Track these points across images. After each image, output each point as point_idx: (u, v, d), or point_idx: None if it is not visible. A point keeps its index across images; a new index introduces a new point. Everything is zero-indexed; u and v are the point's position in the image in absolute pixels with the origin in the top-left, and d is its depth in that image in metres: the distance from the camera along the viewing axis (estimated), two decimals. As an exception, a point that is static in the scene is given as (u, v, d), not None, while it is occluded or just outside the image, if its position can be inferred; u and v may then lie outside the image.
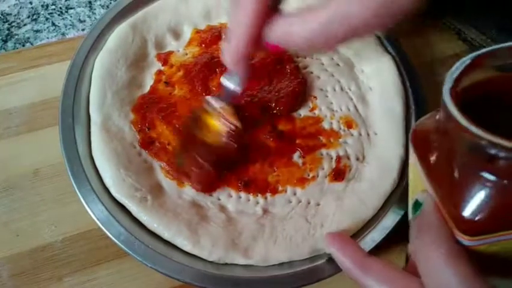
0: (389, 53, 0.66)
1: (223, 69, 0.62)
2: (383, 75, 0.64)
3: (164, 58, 0.64)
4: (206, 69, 0.62)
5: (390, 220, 0.53)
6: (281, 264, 0.51)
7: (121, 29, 0.63)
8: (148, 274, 0.53)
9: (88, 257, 0.54)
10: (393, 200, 0.55)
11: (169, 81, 0.62)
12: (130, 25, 0.64)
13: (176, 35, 0.66)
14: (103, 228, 0.51)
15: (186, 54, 0.65)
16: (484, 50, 0.33)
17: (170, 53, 0.64)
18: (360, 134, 0.61)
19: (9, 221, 0.56)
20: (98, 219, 0.51)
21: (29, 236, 0.55)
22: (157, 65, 0.63)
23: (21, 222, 0.56)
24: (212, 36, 0.65)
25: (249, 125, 0.58)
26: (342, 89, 0.64)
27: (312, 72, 0.65)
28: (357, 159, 0.59)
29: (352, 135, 0.60)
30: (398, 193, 0.55)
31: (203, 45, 0.65)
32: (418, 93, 0.63)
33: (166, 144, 0.57)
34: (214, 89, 0.61)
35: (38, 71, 0.66)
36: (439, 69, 0.71)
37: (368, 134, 0.61)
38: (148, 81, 0.62)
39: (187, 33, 0.66)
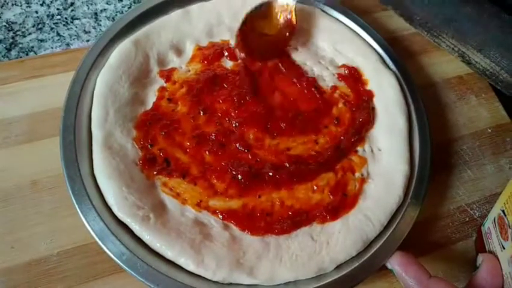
0: (391, 70, 0.65)
1: (225, 86, 0.61)
2: (385, 92, 0.62)
3: (167, 75, 0.61)
4: (209, 85, 0.60)
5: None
6: (287, 283, 0.48)
7: (124, 46, 0.61)
8: (145, 291, 0.50)
9: (84, 272, 0.51)
10: (398, 216, 0.53)
11: (172, 98, 0.60)
12: (132, 42, 0.61)
13: (179, 51, 0.64)
14: (105, 248, 0.48)
15: (189, 70, 0.62)
16: None
17: (173, 69, 0.62)
18: (364, 150, 0.59)
19: (5, 233, 0.52)
20: (99, 238, 0.48)
21: (24, 249, 0.52)
22: (160, 82, 0.61)
23: (16, 234, 0.52)
24: (214, 53, 0.64)
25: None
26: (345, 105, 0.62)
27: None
28: (362, 175, 0.57)
29: (356, 151, 0.59)
30: (403, 209, 0.54)
31: (205, 62, 0.63)
32: (420, 110, 0.62)
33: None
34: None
35: (41, 81, 0.63)
36: (442, 90, 0.70)
37: (372, 150, 0.59)
38: (151, 98, 0.60)
39: (189, 50, 0.64)
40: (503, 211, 0.47)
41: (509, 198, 0.46)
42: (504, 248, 0.46)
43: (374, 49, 0.67)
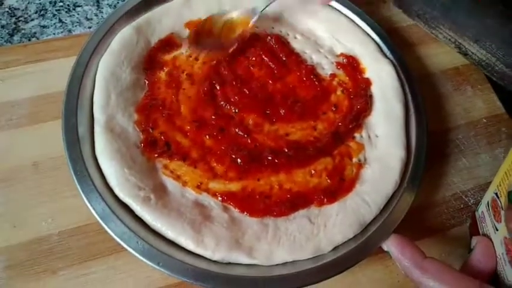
0: (389, 59, 0.65)
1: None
2: (383, 80, 0.63)
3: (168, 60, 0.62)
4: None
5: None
6: (284, 263, 0.48)
7: (125, 32, 0.61)
8: (144, 271, 0.51)
9: (84, 251, 0.52)
10: (395, 200, 0.54)
11: (173, 83, 0.60)
12: (134, 28, 0.62)
13: (180, 38, 0.64)
14: (106, 227, 0.48)
15: (190, 57, 0.63)
16: None
17: (174, 55, 0.63)
18: (361, 136, 0.59)
19: (7, 213, 0.53)
20: (101, 218, 0.48)
21: (26, 228, 0.52)
22: (161, 67, 0.62)
23: (18, 214, 0.53)
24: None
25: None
26: (343, 92, 0.63)
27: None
28: (359, 160, 0.57)
29: (354, 137, 0.59)
30: (399, 194, 0.54)
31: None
32: (417, 97, 0.62)
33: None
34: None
35: (43, 65, 0.63)
36: (439, 81, 0.71)
37: (369, 137, 0.59)
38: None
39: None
40: (496, 194, 0.47)
41: (502, 181, 0.46)
42: (497, 230, 0.46)
43: (372, 38, 0.67)
